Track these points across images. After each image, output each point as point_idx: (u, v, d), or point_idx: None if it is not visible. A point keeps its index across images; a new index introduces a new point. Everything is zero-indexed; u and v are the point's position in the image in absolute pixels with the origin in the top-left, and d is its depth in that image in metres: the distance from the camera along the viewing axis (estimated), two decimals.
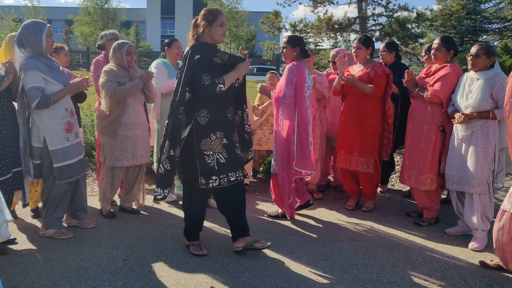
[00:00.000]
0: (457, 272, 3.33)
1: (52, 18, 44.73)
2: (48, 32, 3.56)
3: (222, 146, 3.35)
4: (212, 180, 3.33)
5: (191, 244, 3.58)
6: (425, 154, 4.10)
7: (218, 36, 3.36)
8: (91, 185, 5.32)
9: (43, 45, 3.54)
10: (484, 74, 3.68)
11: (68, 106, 3.70)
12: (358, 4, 12.50)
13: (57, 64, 3.74)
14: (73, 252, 3.49)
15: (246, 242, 3.53)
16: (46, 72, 3.51)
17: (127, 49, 4.07)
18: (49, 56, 3.68)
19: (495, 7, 18.94)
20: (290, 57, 4.24)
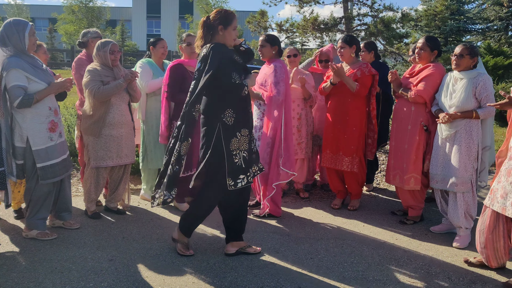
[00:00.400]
0: (441, 269, 3.37)
1: (36, 16, 44.13)
2: (30, 30, 3.51)
3: (247, 142, 3.35)
4: (240, 179, 3.32)
5: (182, 241, 3.51)
6: (408, 154, 4.14)
7: (231, 40, 3.32)
8: (76, 185, 5.26)
9: (25, 43, 3.49)
10: (468, 74, 3.73)
11: (52, 105, 3.66)
12: (344, 4, 12.55)
13: (40, 63, 3.69)
14: (57, 253, 3.45)
15: (239, 246, 3.53)
16: (29, 70, 3.47)
17: (110, 48, 4.04)
18: (32, 55, 3.64)
19: (478, 8, 19.20)
20: (268, 56, 4.34)
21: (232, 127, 3.26)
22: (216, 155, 3.27)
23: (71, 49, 19.69)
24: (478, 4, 19.32)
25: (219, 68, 3.16)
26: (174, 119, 4.35)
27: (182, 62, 4.37)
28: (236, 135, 3.28)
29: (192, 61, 4.39)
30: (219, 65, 3.16)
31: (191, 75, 4.34)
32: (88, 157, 4.14)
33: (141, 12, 47.68)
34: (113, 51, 4.05)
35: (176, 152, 3.22)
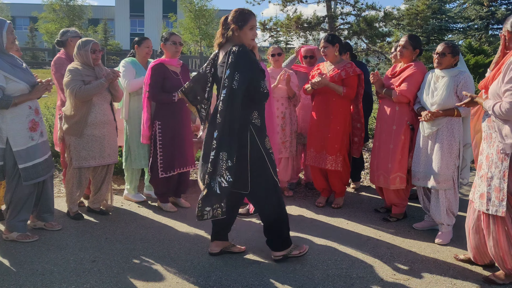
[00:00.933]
0: (423, 265, 3.41)
1: (16, 15, 43.42)
2: (8, 28, 3.46)
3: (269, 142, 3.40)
4: (276, 175, 3.36)
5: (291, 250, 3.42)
6: (393, 153, 4.16)
7: (248, 40, 3.23)
8: (58, 186, 5.20)
9: (3, 42, 3.44)
10: (449, 72, 3.77)
11: (32, 104, 3.60)
12: (327, 3, 12.60)
13: (20, 62, 3.63)
14: (39, 255, 3.40)
15: (223, 246, 3.52)
16: (8, 70, 3.41)
17: (92, 47, 3.99)
18: (11, 54, 3.57)
19: (459, 7, 19.47)
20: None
21: (261, 128, 3.29)
22: (256, 158, 3.24)
23: (52, 48, 19.43)
24: (459, 4, 19.60)
25: (253, 78, 3.13)
26: (156, 118, 4.32)
27: (163, 61, 4.32)
28: (266, 135, 3.34)
29: (173, 60, 4.35)
30: (252, 74, 3.13)
31: (172, 75, 4.31)
32: (70, 157, 4.09)
33: (124, 11, 47.25)
34: (94, 50, 4.01)
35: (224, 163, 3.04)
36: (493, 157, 2.97)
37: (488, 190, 2.99)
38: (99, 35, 36.27)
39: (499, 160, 2.92)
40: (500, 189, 2.91)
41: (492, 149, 2.98)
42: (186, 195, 4.94)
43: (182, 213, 4.45)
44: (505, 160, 2.89)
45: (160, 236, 3.85)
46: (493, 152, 2.97)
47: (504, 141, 2.89)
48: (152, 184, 4.52)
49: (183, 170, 4.48)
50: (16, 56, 3.67)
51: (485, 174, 3.02)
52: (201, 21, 30.86)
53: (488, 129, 3.02)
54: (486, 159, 3.03)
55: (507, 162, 2.89)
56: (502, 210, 2.90)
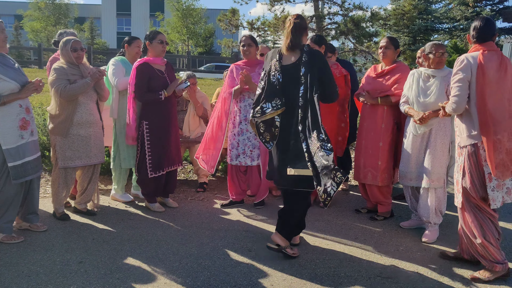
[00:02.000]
0: (410, 264, 3.44)
1: (1, 13, 42.89)
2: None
3: None
4: None
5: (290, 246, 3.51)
6: (383, 151, 4.19)
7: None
8: (44, 186, 5.14)
9: None
10: (440, 72, 3.77)
11: (23, 102, 3.56)
12: (315, 3, 12.65)
13: (12, 61, 3.60)
14: (24, 257, 3.36)
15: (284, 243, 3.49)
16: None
17: (71, 45, 3.95)
18: (2, 53, 3.54)
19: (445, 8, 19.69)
20: (253, 56, 4.55)
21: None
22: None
23: (38, 47, 19.20)
24: (444, 4, 19.82)
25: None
26: (143, 118, 4.28)
27: (148, 60, 4.28)
28: None
29: (158, 59, 4.31)
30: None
31: (158, 74, 4.27)
32: (56, 157, 4.05)
33: (111, 9, 46.95)
34: (75, 48, 3.97)
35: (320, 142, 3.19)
36: (455, 153, 3.29)
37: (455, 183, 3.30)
38: (85, 33, 35.98)
39: (458, 155, 3.21)
40: (459, 182, 3.19)
41: (456, 145, 3.29)
42: (173, 195, 4.92)
43: (170, 213, 4.43)
44: (461, 155, 3.17)
45: (148, 237, 3.83)
46: (456, 148, 3.30)
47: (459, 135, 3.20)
48: (140, 184, 4.48)
49: (171, 169, 4.46)
50: (7, 55, 3.64)
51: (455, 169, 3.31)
52: (189, 20, 30.80)
53: (456, 127, 3.28)
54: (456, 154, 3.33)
55: (462, 157, 3.15)
56: (459, 201, 3.21)
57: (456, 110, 3.12)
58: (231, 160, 4.60)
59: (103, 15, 46.82)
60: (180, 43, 32.44)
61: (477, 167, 3.09)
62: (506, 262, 3.18)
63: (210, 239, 3.81)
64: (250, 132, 4.51)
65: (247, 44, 4.50)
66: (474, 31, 3.14)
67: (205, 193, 5.16)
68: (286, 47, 3.41)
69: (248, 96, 4.52)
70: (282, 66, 3.40)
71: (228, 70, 4.72)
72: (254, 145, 4.53)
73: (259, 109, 3.39)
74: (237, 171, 4.70)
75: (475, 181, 3.11)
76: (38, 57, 18.57)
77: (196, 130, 5.33)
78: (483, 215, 3.16)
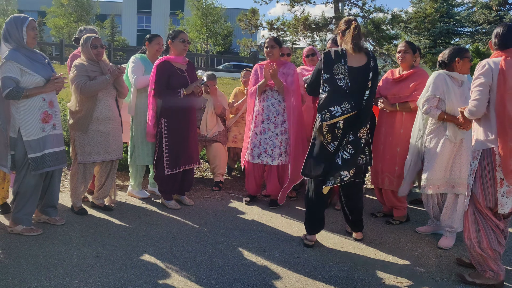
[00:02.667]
0: (425, 270, 3.41)
1: (24, 9, 43.56)
2: (29, 25, 3.58)
3: None
4: None
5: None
6: (400, 157, 4.15)
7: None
8: (63, 180, 5.22)
9: (23, 37, 3.56)
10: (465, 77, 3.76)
11: (47, 96, 3.65)
12: (335, 4, 12.60)
13: (42, 57, 3.73)
14: (43, 249, 3.43)
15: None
16: (25, 63, 3.51)
17: (91, 42, 4.02)
18: (32, 49, 3.67)
19: (468, 11, 19.40)
20: (277, 57, 4.60)
21: None
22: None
23: (60, 43, 19.50)
24: (467, 7, 19.54)
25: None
26: (162, 116, 4.33)
27: (169, 59, 4.33)
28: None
29: (179, 58, 4.36)
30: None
31: (178, 72, 4.32)
32: (75, 152, 4.11)
33: (132, 7, 47.40)
34: (95, 45, 4.03)
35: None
36: (469, 157, 3.27)
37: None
38: (106, 30, 36.40)
39: (472, 159, 3.16)
40: (470, 186, 3.15)
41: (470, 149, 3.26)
42: (189, 193, 4.96)
43: (186, 211, 4.47)
44: (476, 159, 3.11)
45: (163, 233, 3.87)
46: (470, 152, 3.27)
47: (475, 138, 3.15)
48: (157, 181, 4.53)
49: (188, 167, 4.50)
50: (39, 52, 3.75)
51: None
52: (208, 19, 30.91)
53: (472, 131, 3.24)
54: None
55: (477, 161, 3.09)
56: (467, 205, 3.17)
57: (475, 114, 3.07)
58: (253, 158, 4.63)
59: (124, 12, 47.30)
60: (199, 41, 32.59)
61: (490, 171, 3.05)
62: (500, 273, 3.10)
63: (224, 238, 3.83)
64: (271, 131, 4.54)
65: (270, 45, 4.57)
66: (496, 38, 3.10)
67: (220, 192, 5.18)
68: (352, 49, 3.48)
69: (272, 95, 4.55)
70: (349, 69, 3.47)
71: (252, 70, 4.78)
72: (275, 144, 4.55)
73: (327, 113, 3.49)
74: (258, 170, 4.72)
75: (486, 186, 3.06)
76: (60, 53, 18.85)
77: (214, 128, 5.36)
78: (486, 223, 3.10)
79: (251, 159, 4.65)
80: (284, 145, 4.57)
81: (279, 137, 4.57)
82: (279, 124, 4.56)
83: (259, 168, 4.71)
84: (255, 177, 4.74)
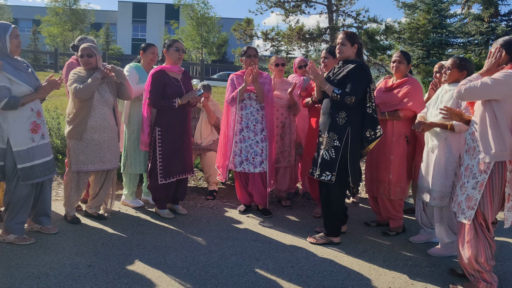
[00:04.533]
0: (420, 279, 3.41)
1: (19, 17, 43.63)
2: (12, 33, 3.52)
3: None
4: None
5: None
6: (394, 165, 4.17)
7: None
8: (56, 189, 5.20)
9: (7, 46, 3.50)
10: (454, 86, 3.66)
11: (35, 106, 3.62)
12: (329, 15, 12.70)
13: (25, 66, 3.67)
14: (35, 259, 3.40)
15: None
16: (11, 72, 3.45)
17: (80, 52, 4.05)
18: (15, 58, 3.61)
19: (460, 22, 19.61)
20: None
21: None
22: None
23: (54, 51, 19.47)
24: (459, 19, 19.75)
25: None
26: (156, 125, 4.33)
27: (164, 68, 4.34)
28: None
29: (174, 67, 4.37)
30: None
31: (173, 82, 4.33)
32: (70, 161, 4.10)
33: (127, 16, 47.46)
34: (81, 54, 4.05)
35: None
36: (473, 169, 3.09)
37: (461, 199, 3.15)
38: (100, 39, 36.39)
39: (479, 171, 3.05)
40: (473, 199, 3.06)
41: (473, 161, 3.10)
42: (183, 202, 4.95)
43: (179, 220, 4.45)
44: (485, 173, 3.02)
45: (157, 243, 3.85)
46: (474, 163, 3.09)
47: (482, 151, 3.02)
48: (150, 190, 4.52)
49: (182, 177, 4.49)
50: (21, 60, 3.71)
51: (463, 184, 3.16)
52: (203, 28, 30.99)
53: (472, 141, 3.13)
54: (466, 170, 3.16)
55: (486, 175, 3.01)
56: (469, 218, 3.08)
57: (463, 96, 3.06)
58: (235, 167, 4.65)
59: (119, 21, 47.34)
60: (194, 51, 32.65)
61: (499, 187, 3.02)
62: (493, 283, 3.11)
63: (218, 247, 3.82)
64: (251, 139, 4.58)
65: (253, 55, 4.64)
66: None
67: (214, 201, 5.17)
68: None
69: (250, 104, 4.58)
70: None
71: (229, 79, 4.78)
72: (256, 152, 4.57)
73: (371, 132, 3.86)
74: (243, 177, 4.73)
75: (495, 201, 3.05)
76: (54, 61, 18.79)
77: (208, 137, 5.37)
78: (484, 235, 3.08)
79: (233, 167, 4.68)
80: (265, 153, 4.59)
81: (260, 144, 4.59)
82: (258, 132, 4.59)
83: (242, 176, 4.73)
84: (242, 186, 4.75)
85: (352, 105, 3.76)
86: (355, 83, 3.75)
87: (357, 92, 3.74)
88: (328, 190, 3.90)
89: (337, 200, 3.92)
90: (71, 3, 34.32)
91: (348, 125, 3.79)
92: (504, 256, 3.89)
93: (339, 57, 3.98)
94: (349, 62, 3.91)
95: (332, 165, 3.82)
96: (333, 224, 3.99)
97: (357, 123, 3.82)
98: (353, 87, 3.74)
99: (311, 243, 4.00)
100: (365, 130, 3.85)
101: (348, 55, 3.91)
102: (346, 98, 3.72)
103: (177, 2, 29.26)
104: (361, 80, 3.76)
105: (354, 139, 3.81)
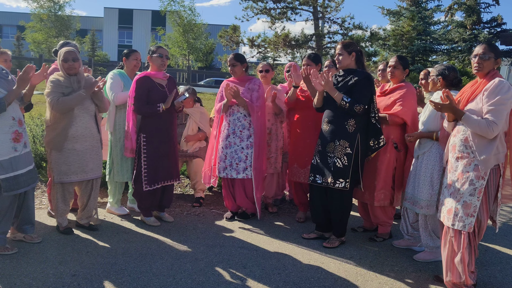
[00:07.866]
0: (405, 284, 3.42)
1: (3, 23, 43.19)
2: None
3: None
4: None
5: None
6: (380, 171, 4.17)
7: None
8: (39, 197, 5.12)
9: None
10: (438, 94, 3.70)
11: (16, 114, 3.55)
12: (315, 22, 12.79)
13: (5, 73, 3.59)
14: (17, 269, 3.34)
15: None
16: None
17: (63, 56, 3.88)
18: None
19: (444, 29, 19.90)
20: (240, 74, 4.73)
21: None
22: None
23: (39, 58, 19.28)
24: (443, 26, 20.04)
25: None
26: (141, 131, 4.30)
27: (149, 74, 4.32)
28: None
29: (159, 73, 4.34)
30: None
31: (158, 87, 4.30)
32: (52, 171, 4.01)
33: (113, 22, 47.27)
34: (66, 59, 3.88)
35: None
36: (469, 175, 3.05)
37: (457, 206, 3.09)
38: (86, 46, 36.12)
39: (476, 178, 3.02)
40: (472, 205, 3.03)
41: (468, 167, 3.07)
42: (169, 209, 4.91)
43: (165, 227, 4.42)
44: (483, 179, 3.01)
45: (143, 251, 3.81)
46: (469, 170, 3.07)
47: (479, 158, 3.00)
48: (136, 198, 4.48)
49: (167, 183, 4.45)
50: (1, 66, 3.62)
51: (456, 191, 3.12)
52: (190, 35, 30.96)
53: (465, 148, 3.10)
54: (460, 176, 3.11)
55: (484, 181, 3.01)
56: (470, 226, 3.03)
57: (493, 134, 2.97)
58: (219, 172, 4.65)
59: (105, 27, 47.12)
60: (181, 57, 32.59)
61: (494, 191, 3.06)
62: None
63: (204, 254, 3.79)
64: (237, 145, 4.58)
65: (231, 64, 4.71)
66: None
67: (201, 208, 5.15)
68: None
69: (238, 110, 4.60)
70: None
71: (220, 86, 4.83)
72: (240, 158, 4.57)
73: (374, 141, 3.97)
74: (230, 184, 4.73)
75: (490, 206, 3.08)
76: (39, 67, 18.59)
77: (194, 144, 5.35)
78: (474, 243, 3.10)
79: (218, 173, 4.69)
80: (250, 159, 4.59)
81: (245, 151, 4.59)
82: (244, 138, 4.60)
83: (228, 183, 4.74)
84: (229, 192, 4.75)
85: (360, 113, 3.83)
86: (363, 92, 3.84)
87: (365, 101, 3.84)
88: (341, 197, 3.99)
89: (350, 205, 4.11)
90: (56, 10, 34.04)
91: (357, 132, 3.88)
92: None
93: (339, 67, 4.07)
94: (351, 70, 3.97)
95: (346, 172, 3.88)
96: (345, 226, 4.16)
97: (364, 130, 3.93)
98: (360, 96, 3.83)
99: (328, 247, 4.07)
100: (369, 139, 3.96)
101: (347, 64, 3.99)
102: (355, 106, 3.79)
103: (164, 9, 29.21)
104: (368, 90, 3.86)
105: (363, 145, 3.92)
